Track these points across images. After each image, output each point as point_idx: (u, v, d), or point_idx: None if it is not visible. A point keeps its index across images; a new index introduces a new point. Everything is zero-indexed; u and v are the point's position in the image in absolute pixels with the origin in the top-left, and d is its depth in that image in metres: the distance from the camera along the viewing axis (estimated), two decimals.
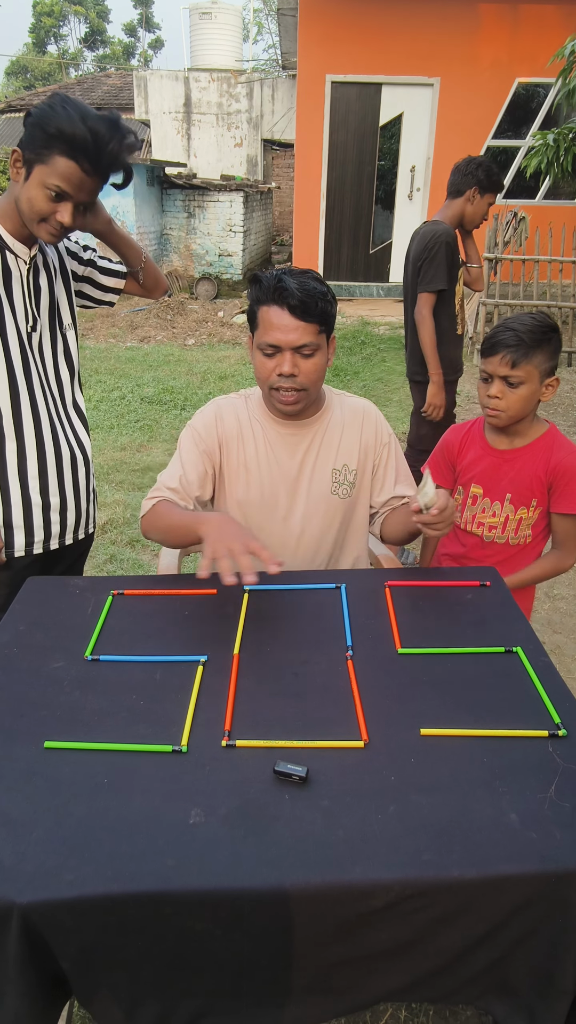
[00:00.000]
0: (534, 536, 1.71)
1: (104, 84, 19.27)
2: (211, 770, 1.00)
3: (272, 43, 23.95)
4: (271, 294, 1.41)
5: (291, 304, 1.38)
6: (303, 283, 1.39)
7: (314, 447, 1.56)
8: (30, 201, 1.35)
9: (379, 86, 8.38)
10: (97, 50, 34.65)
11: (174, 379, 5.87)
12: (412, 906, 0.86)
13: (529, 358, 1.54)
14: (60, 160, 1.30)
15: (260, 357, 1.46)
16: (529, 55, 7.89)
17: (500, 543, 1.72)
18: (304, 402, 1.49)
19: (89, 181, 1.35)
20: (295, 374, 1.43)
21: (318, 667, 1.20)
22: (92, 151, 1.30)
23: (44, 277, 1.53)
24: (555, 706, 1.11)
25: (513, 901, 0.88)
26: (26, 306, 1.49)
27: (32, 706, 1.11)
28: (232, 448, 1.57)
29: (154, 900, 0.83)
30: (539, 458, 1.64)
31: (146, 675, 1.18)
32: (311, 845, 0.88)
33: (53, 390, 1.58)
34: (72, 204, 1.36)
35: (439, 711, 1.10)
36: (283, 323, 1.40)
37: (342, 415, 1.59)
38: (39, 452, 1.55)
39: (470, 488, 1.72)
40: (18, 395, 1.50)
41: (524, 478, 1.65)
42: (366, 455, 1.60)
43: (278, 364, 1.43)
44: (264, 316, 1.43)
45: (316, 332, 1.42)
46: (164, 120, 13.09)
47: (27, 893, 0.82)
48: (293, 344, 1.41)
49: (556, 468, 1.62)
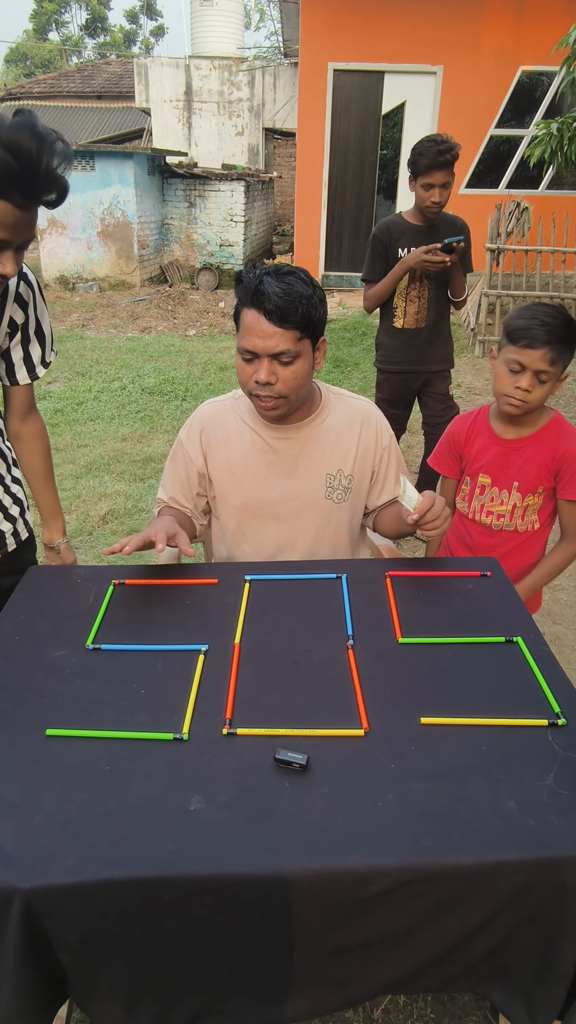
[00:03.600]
0: (541, 522, 1.73)
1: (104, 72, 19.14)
2: (212, 758, 1.00)
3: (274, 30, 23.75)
4: (250, 297, 1.33)
5: (268, 309, 1.31)
6: (287, 286, 1.31)
7: (306, 451, 1.53)
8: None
9: (381, 74, 8.32)
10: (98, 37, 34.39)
11: (175, 370, 5.85)
12: (411, 892, 0.87)
13: (564, 355, 1.54)
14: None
15: (240, 361, 1.41)
16: (533, 43, 7.83)
17: (508, 531, 1.73)
18: (284, 408, 1.44)
19: (26, 216, 1.09)
20: (271, 382, 1.37)
21: (319, 656, 1.21)
22: (23, 178, 1.02)
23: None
24: (555, 695, 1.11)
25: (511, 887, 0.88)
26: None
27: (34, 694, 1.11)
28: (219, 456, 1.54)
29: (155, 885, 0.84)
30: (546, 446, 1.64)
31: (147, 664, 1.19)
32: (311, 831, 0.89)
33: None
34: (12, 250, 1.13)
35: (439, 700, 1.11)
36: (260, 328, 1.33)
37: (339, 418, 1.55)
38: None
39: (478, 478, 1.73)
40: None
41: (532, 466, 1.65)
42: (364, 460, 1.57)
43: (255, 370, 1.37)
44: (244, 319, 1.36)
45: (295, 339, 1.34)
46: (165, 108, 13.00)
47: (29, 878, 0.82)
48: (270, 351, 1.34)
49: (564, 455, 1.63)
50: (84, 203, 8.91)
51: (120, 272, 9.21)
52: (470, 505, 1.76)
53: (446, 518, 1.38)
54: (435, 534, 1.38)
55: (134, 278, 9.22)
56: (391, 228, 2.86)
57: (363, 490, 1.60)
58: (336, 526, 1.59)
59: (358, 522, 1.66)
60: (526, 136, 8.26)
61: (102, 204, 8.94)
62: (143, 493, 3.65)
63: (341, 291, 9.04)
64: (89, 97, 17.74)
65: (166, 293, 8.70)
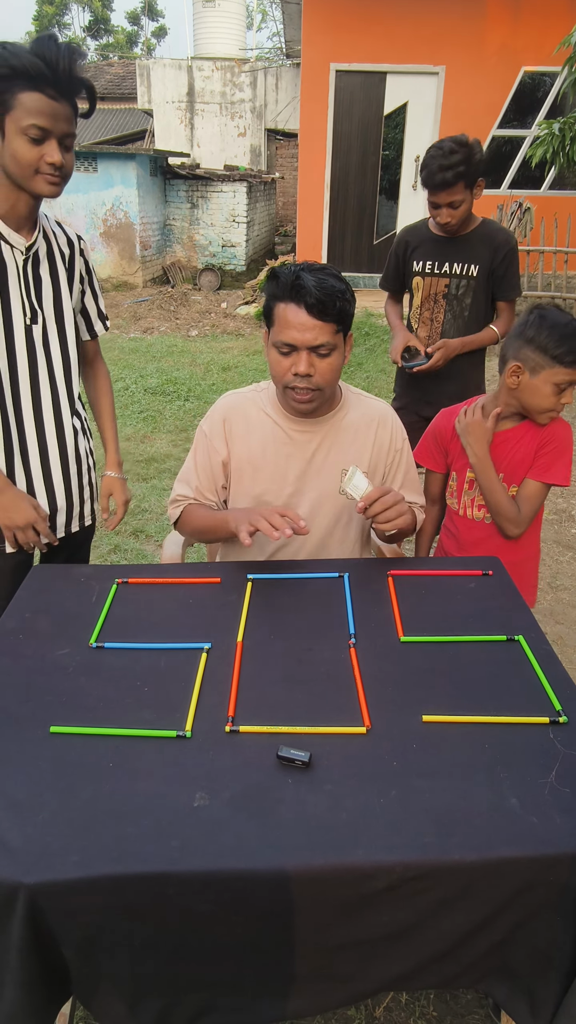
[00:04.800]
0: None
1: (107, 73, 19.15)
2: (215, 755, 1.01)
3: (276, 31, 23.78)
4: (288, 291, 1.37)
5: (308, 303, 1.35)
6: (322, 280, 1.36)
7: (324, 445, 1.55)
8: (14, 156, 1.30)
9: (383, 75, 8.32)
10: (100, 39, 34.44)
11: (177, 370, 5.86)
12: (413, 888, 0.87)
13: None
14: (24, 97, 1.26)
15: (275, 355, 1.43)
16: (535, 43, 7.82)
17: None
18: (318, 401, 1.47)
19: (60, 107, 1.30)
20: (311, 374, 1.40)
21: (321, 655, 1.21)
22: (49, 74, 1.26)
23: (46, 267, 1.49)
24: (556, 693, 1.11)
25: (513, 884, 0.89)
26: (23, 298, 1.45)
27: (38, 692, 1.12)
28: (240, 446, 1.56)
29: (159, 881, 0.85)
30: (529, 436, 1.65)
31: (150, 662, 1.20)
32: (314, 827, 0.89)
33: (58, 385, 1.56)
34: (56, 140, 1.31)
35: (441, 698, 1.11)
36: (300, 321, 1.37)
37: (357, 416, 1.58)
38: (41, 448, 1.55)
39: (465, 473, 1.73)
40: (19, 390, 1.49)
41: (517, 457, 1.66)
42: (377, 460, 1.59)
43: (294, 363, 1.40)
44: (281, 313, 1.39)
45: (333, 332, 1.39)
46: (167, 109, 13.01)
47: (33, 873, 0.83)
48: (309, 344, 1.38)
49: (543, 438, 1.64)
50: (87, 204, 8.93)
51: (122, 273, 9.22)
52: (459, 501, 1.76)
53: (401, 513, 1.37)
54: (388, 527, 1.38)
55: (136, 279, 9.23)
56: (409, 238, 2.50)
57: None
58: (347, 521, 1.61)
59: (365, 519, 1.66)
60: (528, 137, 8.26)
61: (104, 205, 8.95)
62: (146, 493, 3.66)
63: None
64: None
65: (168, 294, 8.71)
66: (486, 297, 2.42)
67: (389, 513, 1.36)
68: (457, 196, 2.19)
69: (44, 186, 1.35)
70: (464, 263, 2.37)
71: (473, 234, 2.36)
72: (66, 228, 1.60)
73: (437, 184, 2.17)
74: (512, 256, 2.36)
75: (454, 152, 2.12)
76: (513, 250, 2.36)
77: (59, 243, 1.54)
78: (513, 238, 2.39)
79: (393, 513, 1.36)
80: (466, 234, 2.36)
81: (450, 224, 2.26)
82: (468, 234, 2.36)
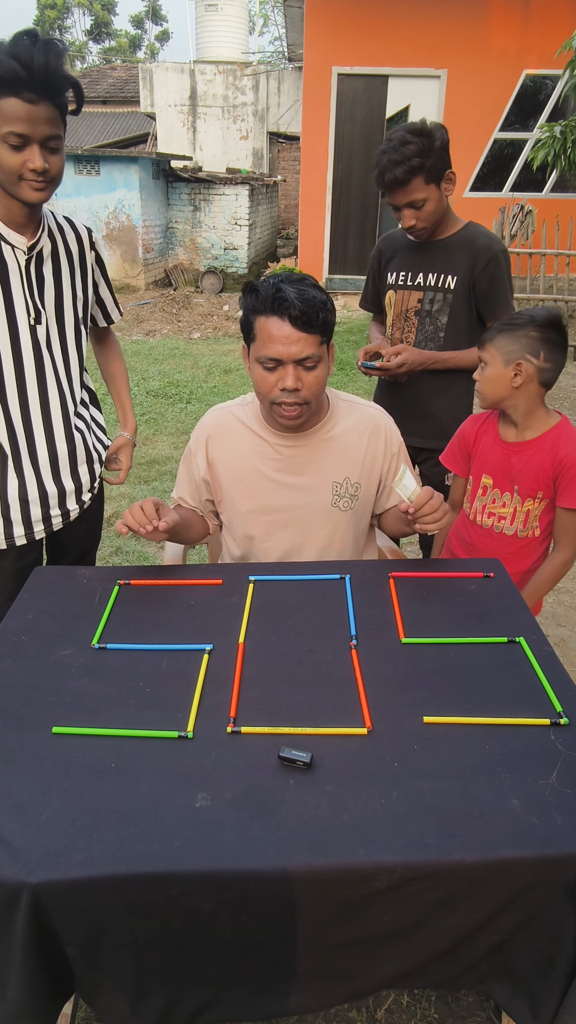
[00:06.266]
0: (542, 529, 1.72)
1: (109, 77, 19.22)
2: (217, 756, 1.01)
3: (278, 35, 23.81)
4: (270, 304, 1.33)
5: (292, 315, 1.31)
6: (303, 292, 1.33)
7: (314, 460, 1.53)
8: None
9: (386, 78, 8.34)
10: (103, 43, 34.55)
11: (179, 372, 5.88)
12: (414, 888, 0.88)
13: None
14: (1, 103, 1.23)
15: (260, 371, 1.40)
16: (537, 46, 7.84)
17: (509, 535, 1.73)
18: (306, 415, 1.45)
19: (39, 110, 1.25)
20: (298, 388, 1.37)
21: (322, 656, 1.21)
22: (25, 75, 1.21)
23: (49, 267, 1.49)
24: (557, 695, 1.12)
25: (514, 885, 0.89)
26: (26, 298, 1.44)
27: (40, 692, 1.12)
28: (225, 464, 1.55)
29: (161, 880, 0.85)
30: (546, 451, 1.64)
31: (152, 663, 1.20)
32: (316, 828, 0.90)
33: (63, 383, 1.57)
34: (37, 145, 1.28)
35: (442, 699, 1.11)
36: (284, 335, 1.33)
37: (348, 426, 1.55)
38: (49, 446, 1.56)
39: (480, 478, 1.73)
40: (25, 389, 1.49)
41: (531, 470, 1.65)
42: (372, 468, 1.57)
43: (280, 378, 1.37)
44: (263, 328, 1.36)
45: (318, 343, 1.36)
46: (170, 113, 13.05)
47: (37, 873, 0.83)
48: (295, 357, 1.35)
49: (562, 462, 1.62)
50: (89, 207, 8.95)
51: (125, 275, 9.24)
52: (472, 505, 1.76)
53: (445, 512, 1.39)
54: (433, 528, 1.39)
55: (139, 281, 9.25)
56: (383, 247, 2.16)
57: (370, 498, 1.61)
58: (343, 533, 1.59)
59: (365, 528, 1.66)
60: (530, 139, 8.28)
61: (107, 208, 8.98)
62: (148, 495, 3.66)
63: (345, 294, 9.05)
64: (94, 102, 17.81)
65: (170, 296, 8.73)
66: (469, 315, 2.00)
67: (435, 515, 1.38)
68: (417, 195, 1.83)
69: (29, 192, 1.33)
70: (439, 273, 1.98)
71: (453, 239, 1.97)
72: (75, 222, 1.60)
73: (387, 183, 1.83)
74: (496, 265, 1.93)
75: (407, 143, 1.77)
76: (496, 257, 1.93)
77: (66, 240, 1.54)
78: (499, 244, 1.97)
79: (440, 514, 1.39)
80: (444, 239, 1.98)
81: (416, 227, 1.90)
82: (447, 239, 1.97)
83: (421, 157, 1.78)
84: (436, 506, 1.37)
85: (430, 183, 1.83)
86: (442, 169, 1.83)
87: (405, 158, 1.78)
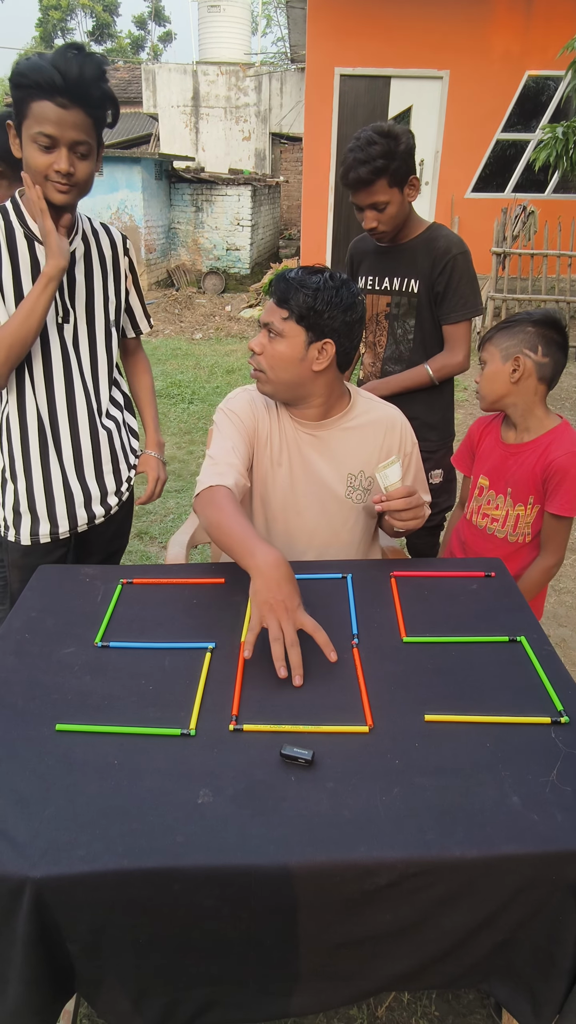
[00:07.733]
0: (533, 535, 1.71)
1: (112, 77, 19.23)
2: (219, 753, 1.02)
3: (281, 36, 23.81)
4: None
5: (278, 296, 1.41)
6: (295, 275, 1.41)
7: (331, 449, 1.56)
8: (27, 163, 1.33)
9: (388, 79, 8.34)
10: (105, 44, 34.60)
11: (182, 373, 5.88)
12: (415, 885, 0.88)
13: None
14: (35, 106, 1.28)
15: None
16: (539, 47, 7.83)
17: (500, 538, 1.73)
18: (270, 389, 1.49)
19: (70, 115, 1.30)
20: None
21: (324, 655, 1.22)
22: (60, 82, 1.26)
23: (81, 269, 1.52)
24: (557, 693, 1.12)
25: (515, 882, 0.89)
26: (56, 297, 1.47)
27: (44, 690, 1.13)
28: (262, 438, 1.56)
29: (164, 876, 0.85)
30: (538, 455, 1.63)
31: (155, 661, 1.21)
32: (317, 824, 0.90)
33: (88, 382, 1.58)
34: (65, 149, 1.32)
35: (443, 698, 1.12)
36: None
37: (365, 420, 1.58)
38: (74, 443, 1.57)
39: (479, 479, 1.74)
40: (52, 386, 1.51)
41: (523, 474, 1.64)
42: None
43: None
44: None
45: (282, 318, 1.42)
46: (172, 114, 13.07)
47: (40, 868, 0.84)
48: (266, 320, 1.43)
49: (550, 466, 1.60)
50: (92, 207, 8.96)
51: None
52: (469, 505, 1.77)
53: (419, 516, 1.40)
54: (401, 526, 1.40)
55: (141, 282, 9.25)
56: (354, 252, 2.15)
57: (379, 492, 1.62)
58: (353, 525, 1.61)
59: (374, 523, 1.67)
60: (532, 140, 8.27)
61: (109, 209, 8.99)
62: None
63: None
64: None
65: (173, 297, 8.74)
66: (433, 317, 2.00)
67: (406, 514, 1.39)
68: (380, 197, 1.82)
69: (53, 193, 1.36)
70: (403, 278, 1.99)
71: (415, 243, 1.96)
72: (111, 228, 1.63)
73: (351, 182, 1.83)
74: (454, 267, 1.91)
75: (372, 143, 1.77)
76: (455, 260, 1.91)
77: (100, 244, 1.57)
78: (458, 246, 1.93)
79: (410, 515, 1.39)
80: (408, 242, 1.97)
81: (378, 230, 1.90)
82: (410, 242, 1.96)
83: (386, 159, 1.78)
84: (410, 504, 1.37)
85: (393, 187, 1.83)
86: (406, 174, 1.84)
87: (370, 158, 1.78)
